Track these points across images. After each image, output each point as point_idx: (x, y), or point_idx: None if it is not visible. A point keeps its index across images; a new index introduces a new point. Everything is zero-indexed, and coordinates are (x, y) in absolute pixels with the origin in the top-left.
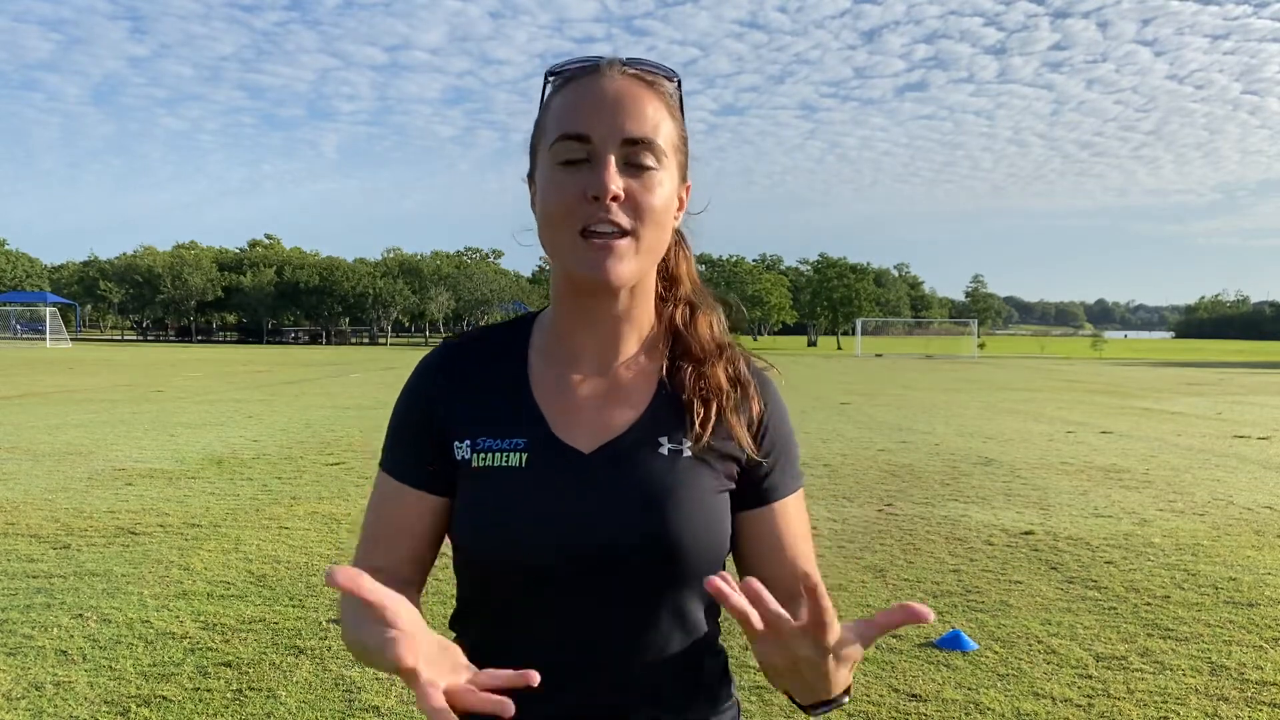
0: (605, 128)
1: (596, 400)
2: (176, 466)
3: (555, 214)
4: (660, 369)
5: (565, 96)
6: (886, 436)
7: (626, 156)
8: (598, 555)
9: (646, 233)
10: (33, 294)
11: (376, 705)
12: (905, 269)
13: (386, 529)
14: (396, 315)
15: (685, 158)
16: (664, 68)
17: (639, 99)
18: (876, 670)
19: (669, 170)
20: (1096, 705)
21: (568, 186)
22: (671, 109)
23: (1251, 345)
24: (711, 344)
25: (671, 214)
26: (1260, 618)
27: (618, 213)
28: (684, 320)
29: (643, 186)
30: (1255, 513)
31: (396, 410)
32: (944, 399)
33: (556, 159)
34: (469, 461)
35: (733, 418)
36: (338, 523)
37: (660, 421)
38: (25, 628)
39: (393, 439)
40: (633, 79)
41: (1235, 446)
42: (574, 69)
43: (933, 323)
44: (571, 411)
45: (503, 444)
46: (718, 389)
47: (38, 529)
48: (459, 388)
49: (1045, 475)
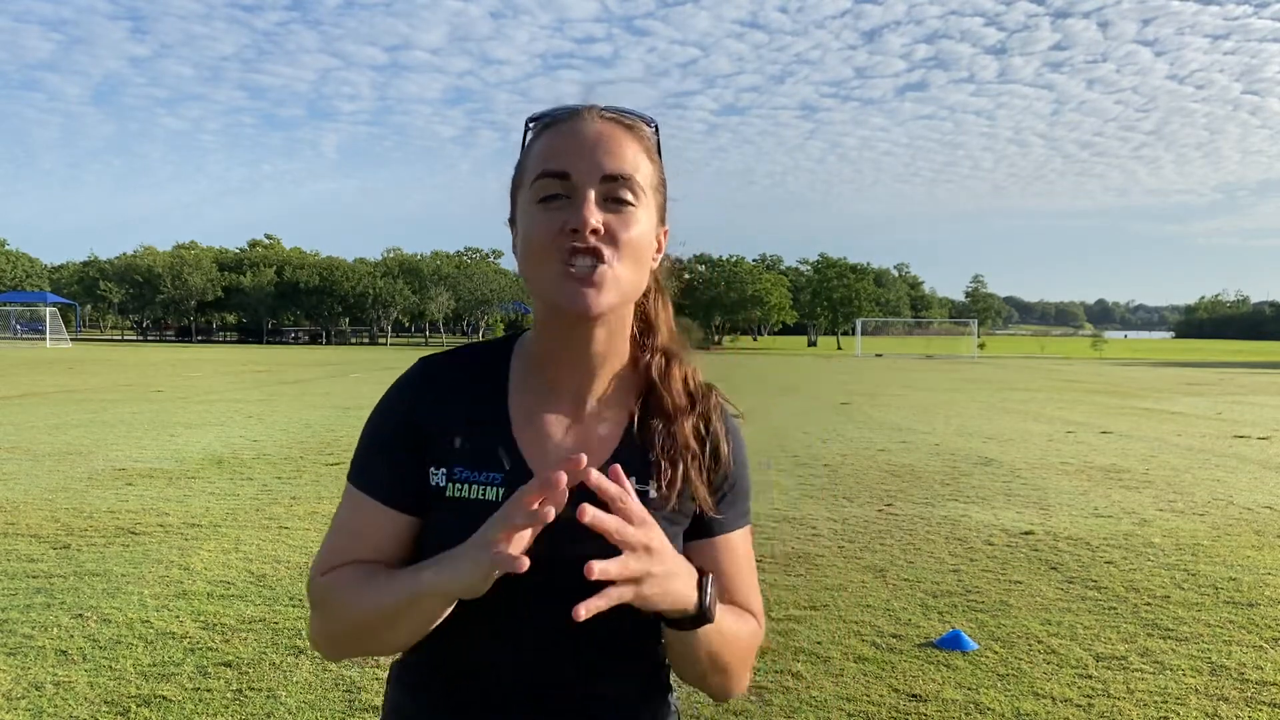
0: (585, 165)
1: (570, 438)
2: (176, 466)
3: (536, 248)
4: (631, 416)
5: (546, 140)
6: (886, 436)
7: (606, 193)
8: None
9: (624, 266)
10: (33, 294)
11: (376, 705)
12: (905, 269)
13: (354, 544)
14: (396, 315)
15: (664, 200)
16: (643, 115)
17: (618, 140)
18: (876, 670)
19: (647, 209)
20: (1096, 705)
21: (548, 222)
22: (650, 152)
23: (1251, 345)
24: (684, 398)
25: (650, 253)
26: (1260, 618)
27: (597, 245)
28: (659, 371)
29: (621, 221)
30: (1255, 513)
31: (372, 425)
32: (944, 399)
33: (536, 197)
34: (443, 490)
35: (696, 477)
36: None
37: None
38: (25, 628)
39: (366, 455)
40: (612, 122)
41: (1235, 446)
42: (554, 114)
43: (933, 323)
44: (546, 448)
45: (479, 476)
46: (685, 448)
47: (38, 529)
48: (438, 412)
49: (1045, 475)
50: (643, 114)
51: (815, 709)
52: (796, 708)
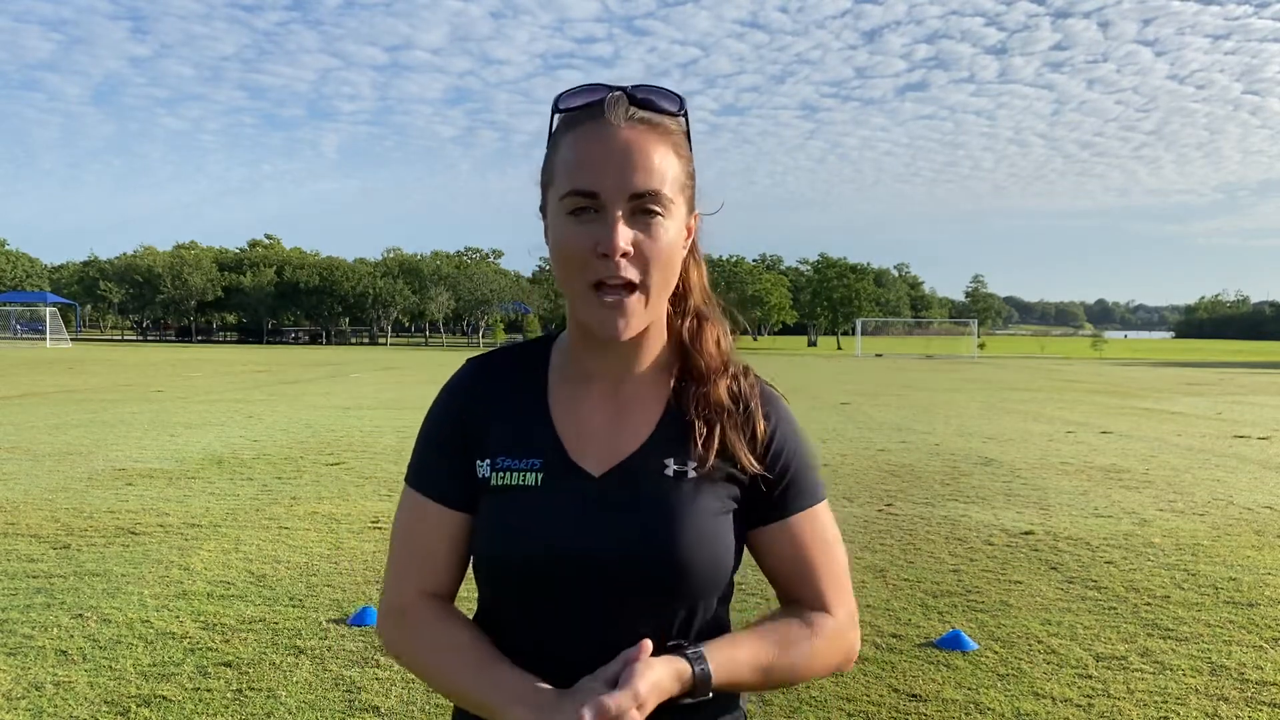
0: (613, 183)
1: (608, 422)
2: (176, 466)
3: (568, 265)
4: (669, 388)
5: (573, 146)
6: (886, 436)
7: (634, 209)
8: (600, 573)
9: (655, 280)
10: (33, 294)
11: (377, 705)
12: (905, 269)
13: (423, 546)
14: (396, 315)
15: (692, 191)
16: (671, 99)
17: (645, 151)
18: (876, 670)
19: (676, 215)
20: (1096, 705)
21: (578, 239)
22: (678, 147)
23: (1251, 345)
24: (717, 360)
25: (680, 253)
26: (1260, 618)
27: (627, 267)
28: (691, 334)
29: (650, 237)
30: (1255, 513)
31: (425, 429)
32: (944, 399)
33: (566, 210)
34: (489, 480)
35: (734, 435)
36: (338, 523)
37: (667, 442)
38: (25, 628)
39: (423, 457)
40: (639, 125)
41: (1235, 446)
42: (580, 110)
43: (933, 323)
44: (585, 434)
45: (520, 464)
46: (719, 408)
47: (38, 529)
48: (485, 408)
49: (1045, 475)
50: (672, 98)
51: (815, 709)
52: (796, 708)
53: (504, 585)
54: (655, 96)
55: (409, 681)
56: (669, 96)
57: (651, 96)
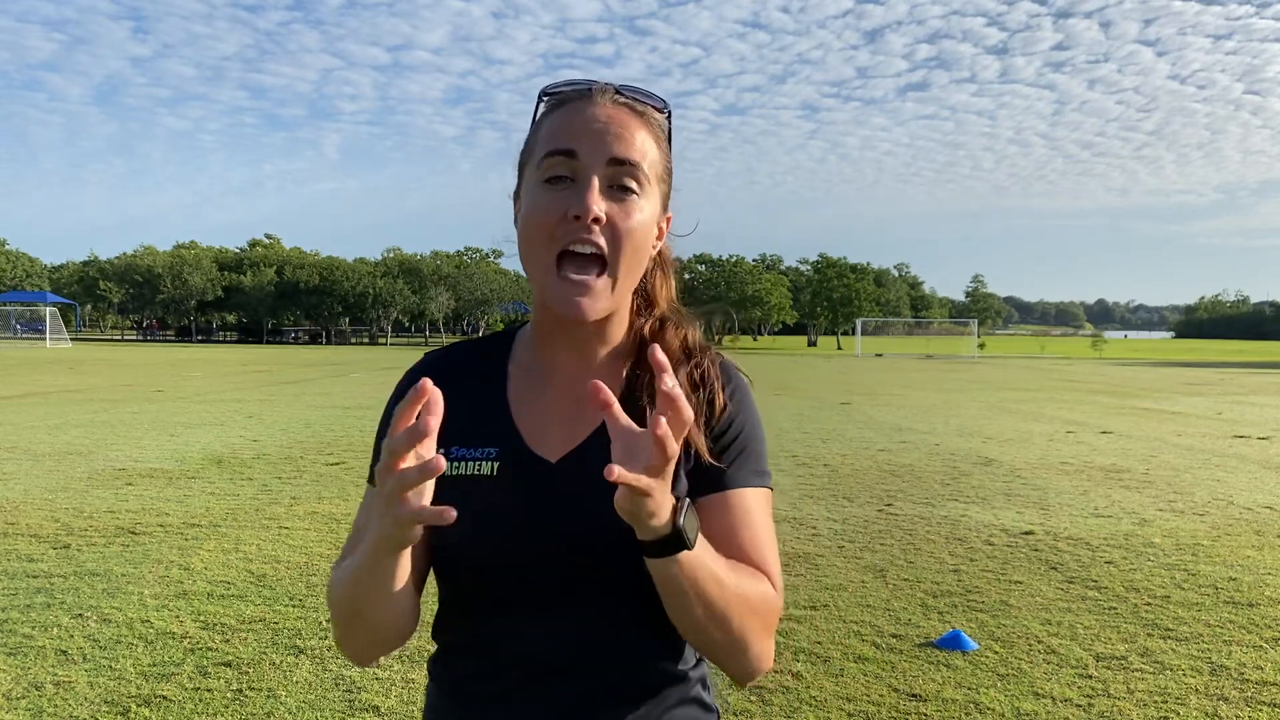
0: (593, 146)
1: (565, 412)
2: (176, 466)
3: (536, 233)
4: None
5: (556, 118)
6: (886, 436)
7: (611, 178)
8: (555, 558)
9: (622, 260)
10: (33, 294)
11: (376, 705)
12: (905, 269)
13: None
14: (396, 315)
15: (668, 189)
16: (655, 98)
17: (628, 124)
18: (876, 670)
19: (650, 198)
20: (1096, 705)
21: (551, 205)
22: (659, 139)
23: (1251, 345)
24: (678, 353)
25: (650, 241)
26: (1260, 618)
27: (597, 235)
28: (652, 331)
29: (623, 211)
30: (1255, 513)
31: (382, 425)
32: (944, 399)
33: (543, 176)
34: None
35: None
36: (338, 523)
37: None
38: (25, 628)
39: (376, 452)
40: (624, 107)
41: (1235, 446)
42: (567, 91)
43: (933, 323)
44: (543, 424)
45: (475, 453)
46: None
47: (38, 529)
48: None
49: (1045, 475)
50: (656, 98)
51: (815, 709)
52: (796, 708)
53: (462, 575)
54: (641, 94)
55: (409, 681)
56: (655, 97)
57: (638, 93)
